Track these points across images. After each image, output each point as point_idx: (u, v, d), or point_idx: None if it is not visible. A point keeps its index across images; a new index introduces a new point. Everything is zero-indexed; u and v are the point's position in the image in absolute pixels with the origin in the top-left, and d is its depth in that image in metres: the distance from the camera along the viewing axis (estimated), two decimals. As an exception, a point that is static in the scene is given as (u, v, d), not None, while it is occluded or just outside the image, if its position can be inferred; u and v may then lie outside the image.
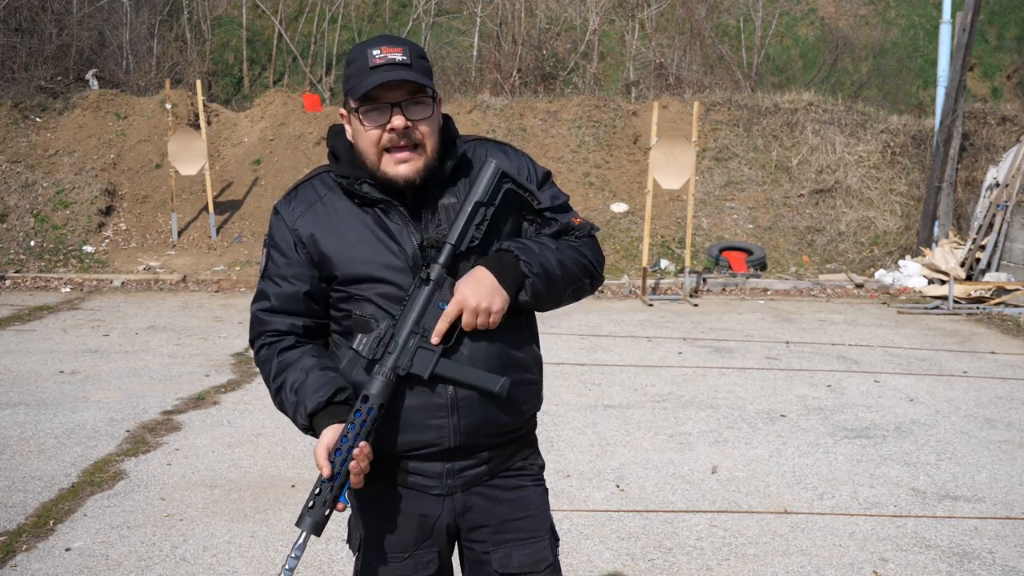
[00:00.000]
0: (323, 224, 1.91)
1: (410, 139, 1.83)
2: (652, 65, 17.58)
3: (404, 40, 1.87)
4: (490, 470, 1.97)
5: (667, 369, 7.16)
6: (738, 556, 3.88)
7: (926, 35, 18.47)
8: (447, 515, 1.96)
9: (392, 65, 1.80)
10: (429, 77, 1.87)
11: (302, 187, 1.98)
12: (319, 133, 13.45)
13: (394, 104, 1.81)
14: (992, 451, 5.29)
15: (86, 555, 3.80)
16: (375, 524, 1.98)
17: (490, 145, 2.02)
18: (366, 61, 1.82)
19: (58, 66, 15.60)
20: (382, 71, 1.80)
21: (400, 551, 1.96)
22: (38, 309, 9.35)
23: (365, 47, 1.84)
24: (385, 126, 1.82)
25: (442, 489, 1.94)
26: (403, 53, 1.82)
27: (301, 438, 5.35)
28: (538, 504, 2.03)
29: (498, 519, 1.98)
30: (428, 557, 1.97)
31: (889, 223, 12.62)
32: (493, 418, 1.91)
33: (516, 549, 1.98)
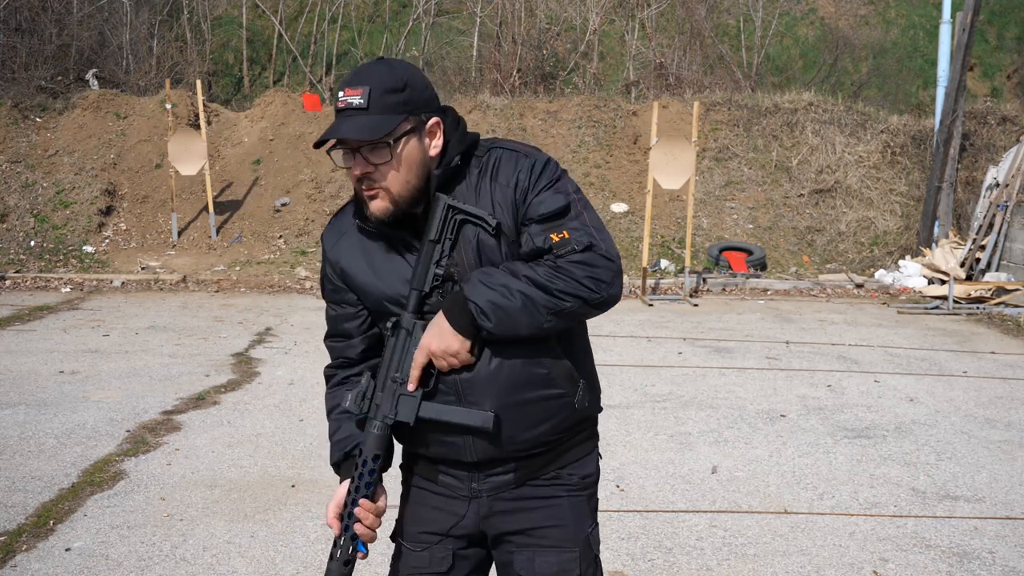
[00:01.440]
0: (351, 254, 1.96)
1: (372, 182, 1.82)
2: (652, 65, 17.57)
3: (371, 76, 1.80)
4: (517, 479, 1.95)
5: (667, 369, 7.15)
6: (738, 556, 3.88)
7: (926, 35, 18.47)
8: (471, 518, 1.97)
9: (348, 111, 1.79)
10: (400, 110, 1.79)
11: (339, 214, 2.04)
12: (319, 133, 13.43)
13: (355, 150, 1.81)
14: (992, 451, 5.29)
15: (86, 555, 3.80)
16: (406, 512, 2.05)
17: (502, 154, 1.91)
18: (335, 101, 1.83)
19: (58, 66, 15.60)
20: (341, 118, 1.80)
21: (418, 542, 2.01)
22: (38, 309, 9.35)
23: (342, 83, 1.84)
24: (351, 169, 1.83)
25: (468, 492, 1.96)
26: (362, 96, 1.77)
27: (301, 438, 5.36)
28: (571, 515, 1.97)
29: (524, 525, 1.96)
30: (442, 554, 1.99)
31: (889, 223, 12.62)
32: (510, 437, 1.90)
33: (539, 555, 1.95)
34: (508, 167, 1.87)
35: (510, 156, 1.89)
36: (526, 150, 1.91)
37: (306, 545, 3.93)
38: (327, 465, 4.87)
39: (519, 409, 1.88)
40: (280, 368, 7.04)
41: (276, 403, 6.09)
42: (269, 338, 8.13)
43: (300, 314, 9.30)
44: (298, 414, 5.84)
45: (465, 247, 1.85)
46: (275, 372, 6.90)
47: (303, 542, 3.96)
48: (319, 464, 4.92)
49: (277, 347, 7.76)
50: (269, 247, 12.05)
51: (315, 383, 6.58)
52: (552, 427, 1.93)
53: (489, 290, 1.79)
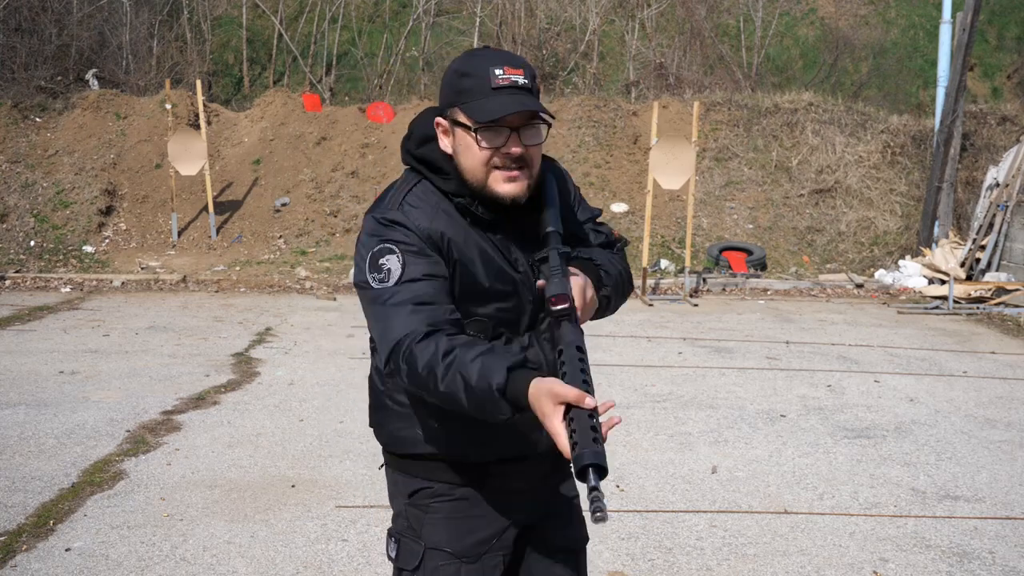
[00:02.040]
0: (455, 234, 1.85)
1: (521, 162, 1.83)
2: (652, 65, 17.57)
3: (522, 59, 1.86)
4: (554, 465, 2.02)
5: (667, 369, 7.15)
6: (738, 556, 3.88)
7: (926, 35, 18.47)
8: (522, 517, 2.00)
9: (515, 89, 1.79)
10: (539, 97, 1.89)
11: (412, 194, 1.88)
12: (319, 133, 13.46)
13: (513, 128, 1.79)
14: (992, 451, 5.29)
15: (86, 555, 3.80)
16: (450, 528, 1.94)
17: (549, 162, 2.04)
18: (487, 79, 1.78)
19: (58, 66, 15.60)
20: (506, 95, 1.78)
21: (466, 556, 1.94)
22: (38, 309, 9.35)
23: (484, 62, 1.80)
24: (500, 148, 1.80)
25: (525, 484, 1.99)
26: (524, 76, 1.81)
27: (301, 438, 5.35)
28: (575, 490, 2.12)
29: (558, 504, 2.08)
30: (494, 562, 1.98)
31: (889, 223, 12.62)
32: None
33: (570, 526, 2.09)
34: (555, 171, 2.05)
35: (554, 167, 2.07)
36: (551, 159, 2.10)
37: (306, 545, 3.93)
38: (327, 465, 4.87)
39: None
40: (280, 368, 7.04)
41: (276, 403, 6.09)
42: (269, 338, 8.13)
43: (300, 314, 9.30)
44: (298, 414, 5.84)
45: None
46: (275, 372, 6.90)
47: (303, 542, 3.96)
48: (319, 464, 4.92)
49: (277, 347, 7.76)
50: (269, 247, 12.05)
51: (315, 383, 6.58)
52: None
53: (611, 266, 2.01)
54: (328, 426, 5.57)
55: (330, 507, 4.32)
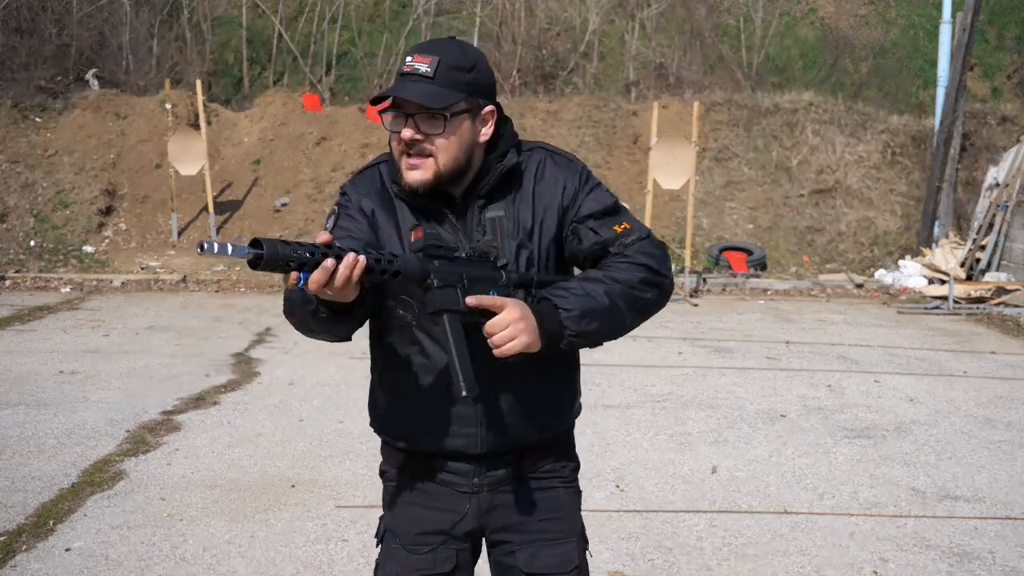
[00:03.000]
0: (385, 208, 1.92)
1: (420, 151, 1.83)
2: (652, 65, 17.57)
3: (443, 49, 1.83)
4: (517, 472, 1.98)
5: (667, 369, 7.15)
6: (738, 556, 3.88)
7: (926, 35, 18.46)
8: (473, 514, 1.97)
9: (415, 76, 1.80)
10: (464, 88, 1.82)
11: (367, 171, 2.00)
12: (319, 133, 13.46)
13: (408, 115, 1.81)
14: (992, 451, 5.29)
15: (86, 555, 3.80)
16: (400, 515, 2.00)
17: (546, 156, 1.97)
18: (402, 64, 1.85)
19: (58, 66, 15.58)
20: (402, 81, 1.81)
21: (420, 544, 1.98)
22: (38, 309, 9.35)
23: (411, 50, 1.86)
24: (399, 133, 1.83)
25: (469, 487, 1.96)
26: (430, 65, 1.80)
27: (301, 438, 5.35)
28: (567, 506, 2.03)
29: (525, 519, 1.98)
30: (446, 554, 1.98)
31: (889, 223, 12.62)
32: (522, 432, 1.94)
33: (543, 549, 1.98)
34: (554, 170, 1.96)
35: (554, 159, 1.97)
36: (567, 155, 2.01)
37: (306, 545, 3.93)
38: (327, 465, 4.87)
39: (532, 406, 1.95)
40: (280, 368, 7.04)
41: (276, 403, 6.09)
42: (269, 338, 8.13)
43: (300, 314, 9.28)
44: (298, 414, 5.84)
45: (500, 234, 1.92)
46: (275, 372, 6.90)
47: (303, 542, 3.96)
48: (319, 464, 4.92)
49: (277, 347, 7.75)
50: (269, 247, 12.04)
51: (315, 383, 6.58)
52: (555, 427, 2.02)
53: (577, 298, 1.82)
54: (328, 426, 5.57)
55: (330, 507, 4.32)
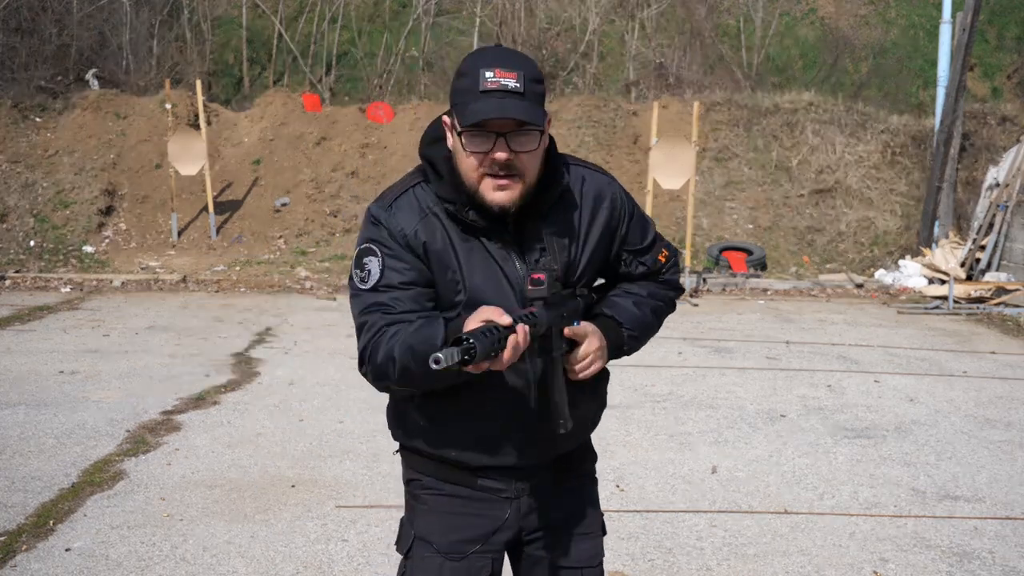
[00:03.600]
0: (440, 238, 1.83)
1: (510, 169, 1.76)
2: (652, 65, 17.57)
3: (521, 62, 1.78)
4: (556, 479, 2.01)
5: (667, 369, 7.15)
6: (738, 556, 3.88)
7: (926, 35, 18.46)
8: (513, 519, 1.97)
9: (504, 92, 1.72)
10: (542, 102, 1.80)
11: (403, 198, 1.87)
12: (319, 133, 13.46)
13: (499, 134, 1.73)
14: (992, 451, 5.29)
15: (86, 555, 3.80)
16: (435, 521, 1.96)
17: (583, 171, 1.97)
18: (477, 81, 1.73)
19: (58, 66, 15.58)
20: (493, 98, 1.72)
21: (456, 551, 1.95)
22: (38, 309, 9.35)
23: (479, 63, 1.75)
24: (488, 153, 1.75)
25: (511, 492, 1.96)
26: (517, 80, 1.73)
27: (301, 438, 5.35)
28: (593, 500, 2.09)
29: (559, 519, 2.02)
30: (482, 563, 1.96)
31: (889, 223, 12.62)
32: (564, 445, 1.98)
33: (575, 543, 2.02)
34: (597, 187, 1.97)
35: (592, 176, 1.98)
36: (599, 169, 2.04)
37: (306, 545, 3.93)
38: (327, 465, 4.87)
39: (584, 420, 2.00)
40: (280, 368, 7.03)
41: (276, 403, 6.09)
42: (269, 338, 8.13)
43: (300, 314, 9.30)
44: (298, 414, 5.84)
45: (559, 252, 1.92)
46: (275, 372, 6.90)
47: (303, 542, 3.96)
48: (319, 464, 4.92)
49: (277, 347, 7.75)
50: (269, 247, 12.06)
51: (315, 383, 6.58)
52: (589, 432, 2.09)
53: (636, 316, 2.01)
54: (328, 426, 5.57)
55: (330, 507, 4.32)
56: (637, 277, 2.08)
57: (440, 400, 1.88)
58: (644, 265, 2.06)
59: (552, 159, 1.88)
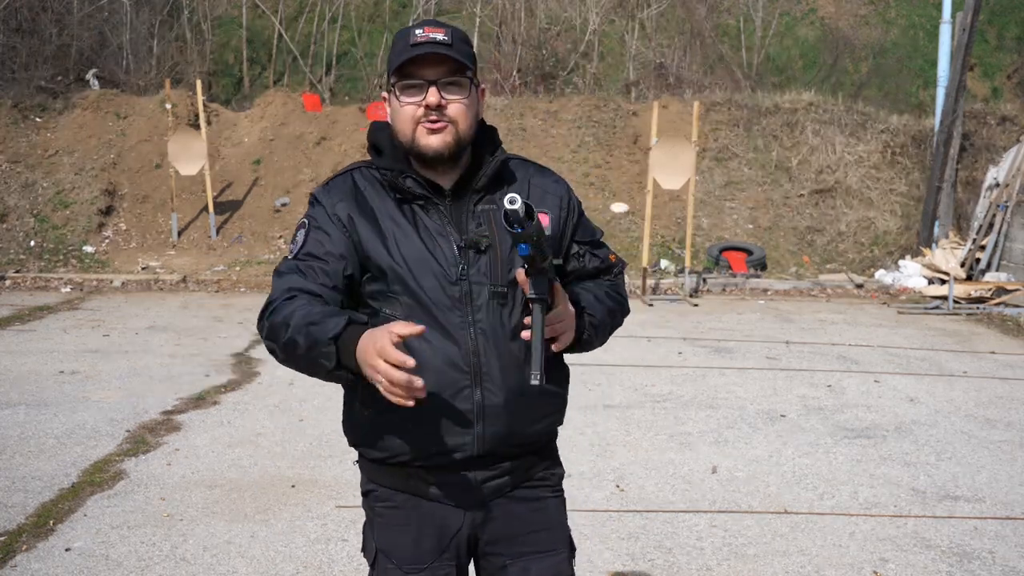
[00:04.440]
0: (363, 215, 1.89)
1: (443, 116, 1.84)
2: (652, 65, 17.57)
3: (450, 24, 1.89)
4: (512, 481, 1.95)
5: (667, 369, 7.15)
6: (738, 556, 3.88)
7: (926, 35, 18.46)
8: (467, 527, 1.94)
9: (433, 43, 1.81)
10: (471, 59, 1.88)
11: (340, 178, 1.97)
12: (319, 133, 13.46)
13: (431, 81, 1.82)
14: (992, 451, 5.29)
15: (86, 555, 3.80)
16: (393, 535, 1.95)
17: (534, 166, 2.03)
18: (408, 40, 1.83)
19: (58, 66, 15.58)
20: (422, 48, 1.81)
21: (417, 563, 1.93)
22: (38, 309, 9.35)
23: (410, 27, 1.86)
24: (420, 102, 1.82)
25: (464, 501, 1.92)
26: (445, 34, 1.83)
27: (301, 438, 5.35)
28: (557, 516, 2.02)
29: (517, 531, 1.96)
30: (445, 570, 1.95)
31: (889, 223, 12.62)
32: (518, 429, 1.90)
33: (535, 562, 1.96)
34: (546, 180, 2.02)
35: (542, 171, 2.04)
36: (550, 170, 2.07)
37: (306, 545, 3.93)
38: (327, 465, 4.87)
39: (528, 400, 1.90)
40: (280, 368, 6.99)
41: (276, 403, 6.09)
42: (269, 338, 8.12)
43: (300, 314, 9.28)
44: (298, 414, 5.84)
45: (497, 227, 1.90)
46: (275, 372, 6.90)
47: (303, 542, 3.96)
48: (319, 464, 4.92)
49: (277, 347, 7.74)
50: (269, 247, 12.05)
51: (315, 383, 6.57)
52: (548, 425, 1.98)
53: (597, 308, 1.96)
54: (328, 426, 5.56)
55: (330, 507, 4.32)
56: (590, 273, 2.05)
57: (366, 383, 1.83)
58: (598, 258, 2.05)
59: (488, 132, 1.96)
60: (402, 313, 1.84)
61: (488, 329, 1.85)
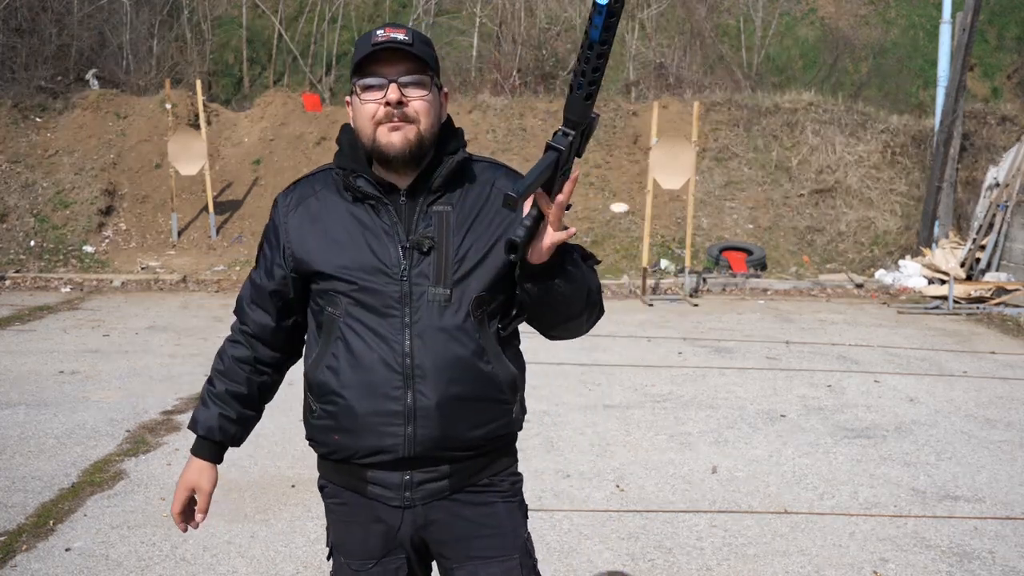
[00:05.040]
0: (312, 219, 1.92)
1: (404, 114, 1.82)
2: (652, 65, 17.57)
3: (412, 28, 1.90)
4: (451, 485, 1.91)
5: (667, 369, 7.15)
6: (738, 556, 3.88)
7: (926, 35, 18.47)
8: (408, 527, 1.92)
9: (393, 43, 1.82)
10: (431, 59, 1.88)
11: (303, 181, 2.00)
12: (319, 133, 13.46)
13: (391, 79, 1.82)
14: (992, 451, 5.29)
15: (86, 555, 3.80)
16: (342, 531, 1.99)
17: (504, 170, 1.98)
18: (369, 40, 1.85)
19: (58, 66, 15.59)
20: (382, 48, 1.82)
21: (367, 558, 1.95)
22: (38, 309, 9.35)
23: (371, 31, 1.88)
24: (380, 99, 1.82)
25: (400, 501, 1.90)
26: (405, 34, 1.84)
27: (301, 438, 5.34)
28: (509, 521, 1.96)
29: (462, 536, 1.93)
30: (396, 564, 1.95)
31: (889, 223, 12.62)
32: (452, 434, 1.86)
33: (482, 567, 1.92)
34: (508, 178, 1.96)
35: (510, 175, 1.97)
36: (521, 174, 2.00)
37: (306, 545, 3.93)
38: (327, 465, 4.87)
39: (464, 404, 1.86)
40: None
41: (276, 403, 6.05)
42: (269, 338, 8.13)
43: (300, 314, 9.29)
44: (298, 414, 5.82)
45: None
46: (275, 372, 6.90)
47: (303, 542, 3.96)
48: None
49: (277, 347, 7.75)
50: (269, 247, 12.05)
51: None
52: (490, 431, 1.91)
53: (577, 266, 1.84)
54: (328, 426, 5.56)
55: (330, 507, 4.32)
56: None
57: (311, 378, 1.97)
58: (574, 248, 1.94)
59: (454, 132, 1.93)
60: (343, 311, 1.86)
61: (426, 330, 1.82)
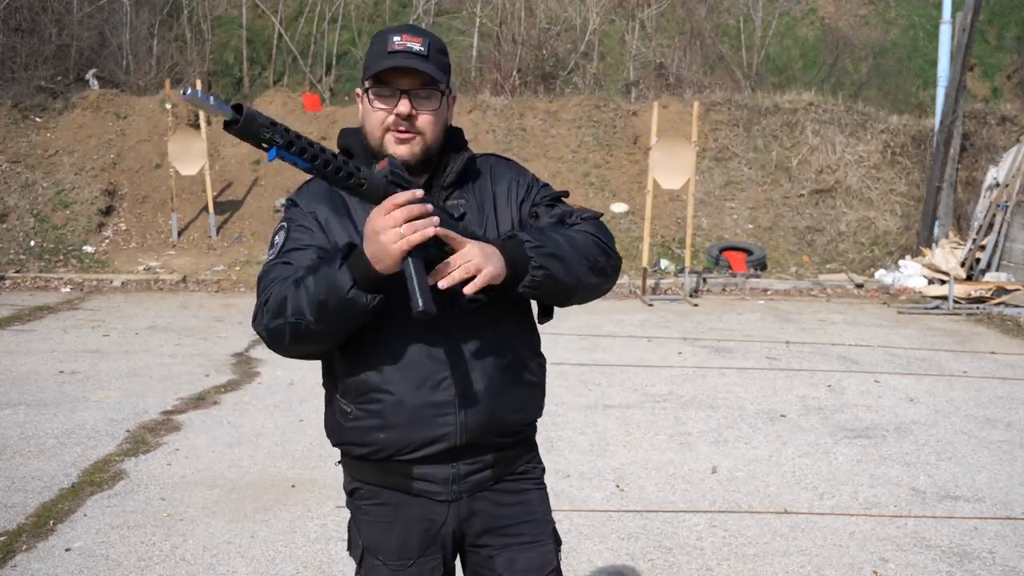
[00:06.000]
0: (340, 213, 1.93)
1: (412, 126, 1.87)
2: (652, 65, 17.57)
3: (428, 32, 1.92)
4: (495, 474, 1.97)
5: (667, 369, 7.15)
6: (738, 556, 3.88)
7: (926, 35, 18.46)
8: (452, 521, 1.95)
9: (409, 54, 1.84)
10: (445, 72, 1.91)
11: (315, 181, 1.99)
12: (319, 133, 13.45)
13: (403, 91, 1.85)
14: (992, 451, 5.29)
15: (86, 555, 3.80)
16: (378, 532, 1.97)
17: (497, 160, 2.07)
18: (385, 45, 1.86)
19: (58, 66, 15.58)
20: (398, 57, 1.84)
21: (404, 558, 1.95)
22: (38, 309, 9.35)
23: (388, 32, 1.89)
24: (391, 109, 1.86)
25: (448, 495, 1.93)
26: (422, 44, 1.86)
27: (301, 438, 5.35)
28: (541, 508, 2.04)
29: (502, 523, 1.98)
30: (432, 563, 1.96)
31: (889, 223, 12.62)
32: (500, 417, 1.92)
33: (521, 553, 1.99)
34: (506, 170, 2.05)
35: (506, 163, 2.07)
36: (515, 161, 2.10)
37: (306, 545, 3.93)
38: (327, 465, 4.87)
39: (505, 388, 1.92)
40: (280, 368, 7.03)
41: (276, 403, 6.09)
42: (269, 338, 8.12)
43: (300, 314, 9.28)
44: (298, 414, 5.84)
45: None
46: (275, 372, 6.90)
47: (303, 542, 3.96)
48: (319, 464, 4.92)
49: (277, 347, 7.75)
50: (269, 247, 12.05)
51: (315, 383, 6.57)
52: (528, 415, 2.00)
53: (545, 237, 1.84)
54: (328, 426, 5.56)
55: (330, 507, 4.32)
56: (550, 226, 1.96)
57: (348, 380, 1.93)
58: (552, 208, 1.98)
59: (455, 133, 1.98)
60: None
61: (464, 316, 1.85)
